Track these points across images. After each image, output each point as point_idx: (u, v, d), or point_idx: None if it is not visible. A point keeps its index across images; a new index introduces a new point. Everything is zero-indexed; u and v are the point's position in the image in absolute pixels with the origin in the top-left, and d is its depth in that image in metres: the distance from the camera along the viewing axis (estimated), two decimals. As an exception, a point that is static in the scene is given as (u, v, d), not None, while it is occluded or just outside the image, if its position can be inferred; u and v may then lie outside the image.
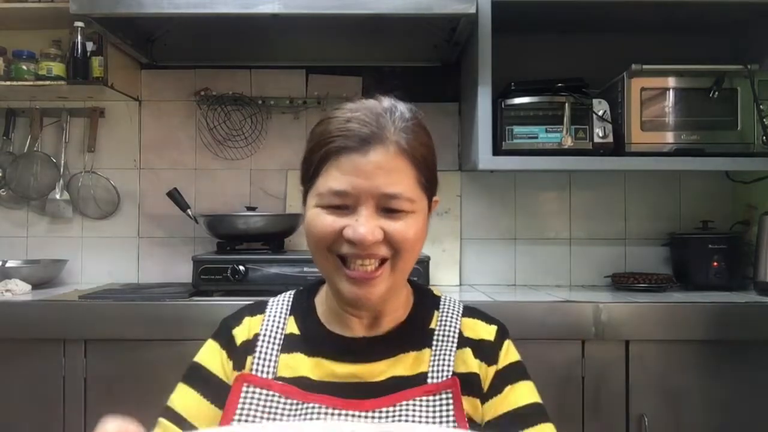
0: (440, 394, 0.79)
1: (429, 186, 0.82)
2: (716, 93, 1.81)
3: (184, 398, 0.83)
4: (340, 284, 0.78)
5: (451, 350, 0.83)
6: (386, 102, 0.81)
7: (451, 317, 0.87)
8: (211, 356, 0.85)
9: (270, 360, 0.82)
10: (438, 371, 0.81)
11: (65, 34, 2.05)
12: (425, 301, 0.89)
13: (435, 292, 0.92)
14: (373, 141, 0.76)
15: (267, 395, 0.79)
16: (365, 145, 0.76)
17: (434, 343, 0.84)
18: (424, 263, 1.84)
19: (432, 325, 0.86)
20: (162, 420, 0.81)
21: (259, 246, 2.00)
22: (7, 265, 2.03)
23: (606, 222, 2.19)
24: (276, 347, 0.83)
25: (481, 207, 2.20)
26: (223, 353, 0.85)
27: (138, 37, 2.03)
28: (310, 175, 0.80)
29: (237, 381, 0.80)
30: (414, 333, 0.85)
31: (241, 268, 1.79)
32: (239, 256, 1.88)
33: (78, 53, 1.96)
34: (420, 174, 0.79)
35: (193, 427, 0.79)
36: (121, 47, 2.02)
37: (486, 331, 0.87)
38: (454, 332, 0.85)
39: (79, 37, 1.95)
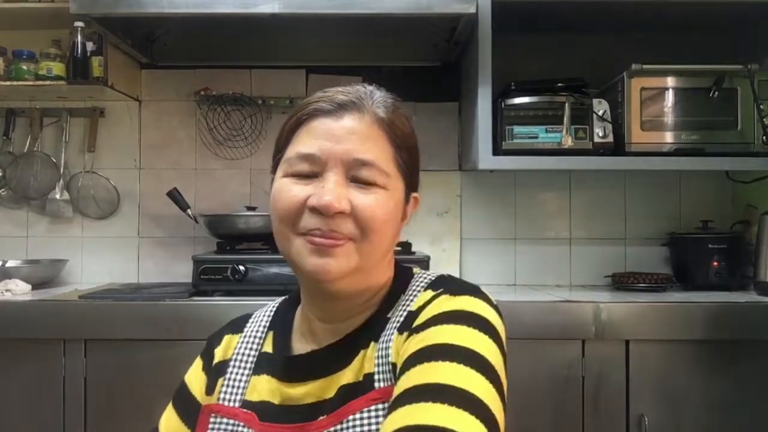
0: (388, 400, 0.64)
1: (408, 172, 0.75)
2: (716, 93, 1.81)
3: (168, 421, 0.81)
4: (300, 257, 0.69)
5: (391, 336, 0.70)
6: (369, 87, 0.76)
7: (409, 298, 0.74)
8: (195, 378, 0.82)
9: (239, 384, 0.76)
10: (383, 370, 0.69)
11: (65, 34, 2.05)
12: (395, 288, 0.77)
13: (414, 270, 0.80)
14: (350, 107, 0.71)
15: (234, 425, 0.73)
16: (340, 110, 0.71)
17: (382, 334, 0.72)
18: (423, 263, 1.83)
19: (389, 314, 0.74)
20: None
21: (259, 246, 2.00)
22: (7, 265, 2.03)
23: (606, 222, 2.19)
24: (247, 369, 0.77)
25: (481, 207, 2.20)
26: (204, 377, 0.81)
27: (138, 37, 2.03)
28: (280, 146, 0.75)
29: (203, 412, 0.75)
30: (369, 330, 0.73)
31: (241, 267, 1.79)
32: (239, 255, 1.88)
33: (78, 53, 1.95)
34: (397, 153, 0.73)
35: None
36: (121, 47, 2.02)
37: (423, 299, 0.72)
38: (402, 314, 0.72)
39: (79, 37, 1.95)
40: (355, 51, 2.15)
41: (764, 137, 1.78)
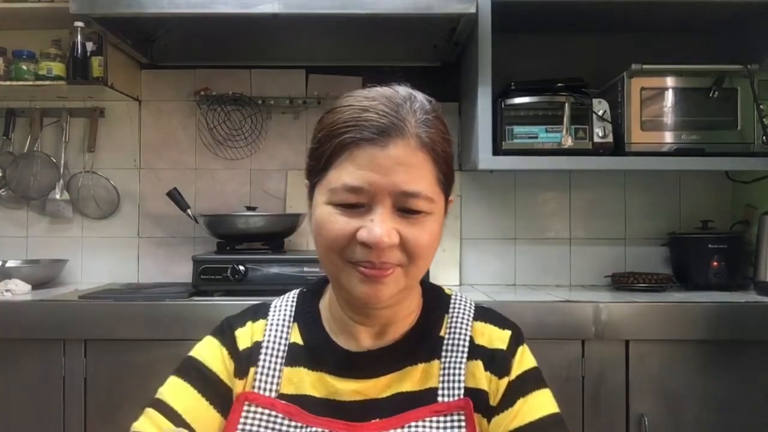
0: (452, 415, 0.74)
1: (447, 184, 0.76)
2: (716, 93, 1.81)
3: (178, 392, 0.76)
4: (350, 284, 0.72)
5: (461, 361, 0.77)
6: (403, 91, 0.75)
7: (462, 322, 0.81)
8: (211, 353, 0.79)
9: (273, 374, 0.77)
10: (449, 387, 0.76)
11: (65, 34, 2.05)
12: (435, 304, 0.83)
13: (446, 290, 0.86)
14: (393, 133, 0.69)
15: (269, 415, 0.74)
16: (384, 137, 0.69)
17: (443, 353, 0.78)
18: (424, 263, 1.83)
19: (441, 332, 0.80)
20: (150, 410, 0.74)
21: (259, 246, 2.01)
22: (7, 265, 2.03)
23: (606, 222, 2.19)
24: (280, 360, 0.78)
25: (481, 207, 2.20)
26: (224, 351, 0.79)
27: (138, 37, 2.03)
28: (320, 167, 0.72)
29: (238, 400, 0.76)
30: (422, 342, 0.79)
31: (241, 268, 1.79)
32: (239, 256, 1.88)
33: (78, 53, 1.96)
34: (439, 171, 0.73)
35: (188, 425, 0.73)
36: (121, 47, 2.02)
37: (499, 339, 0.80)
38: (465, 340, 0.79)
39: (79, 37, 1.95)
40: (355, 51, 2.15)
41: (764, 137, 1.78)
